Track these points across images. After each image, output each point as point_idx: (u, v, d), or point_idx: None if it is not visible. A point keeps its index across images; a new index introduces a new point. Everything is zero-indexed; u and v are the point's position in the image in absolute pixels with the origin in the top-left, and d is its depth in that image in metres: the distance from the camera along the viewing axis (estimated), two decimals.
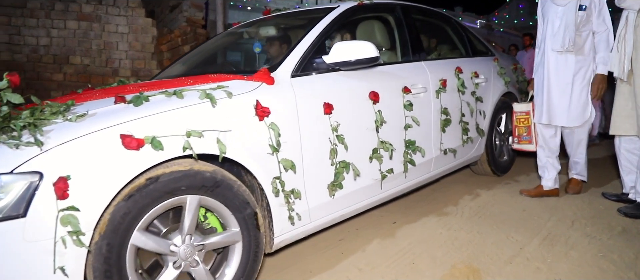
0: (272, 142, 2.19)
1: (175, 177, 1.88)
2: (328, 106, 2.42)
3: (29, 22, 7.25)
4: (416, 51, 3.19)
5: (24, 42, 7.20)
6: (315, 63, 2.52)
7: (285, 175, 2.26)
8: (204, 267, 2.03)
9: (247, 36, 3.23)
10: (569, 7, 3.29)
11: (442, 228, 3.02)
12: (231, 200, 2.05)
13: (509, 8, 21.11)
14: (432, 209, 3.41)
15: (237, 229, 2.09)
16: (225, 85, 2.19)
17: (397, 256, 2.65)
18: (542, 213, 3.25)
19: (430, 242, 2.81)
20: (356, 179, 2.58)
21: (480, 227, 3.00)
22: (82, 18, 7.55)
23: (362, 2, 3.01)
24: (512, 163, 4.24)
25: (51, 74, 7.29)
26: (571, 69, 3.31)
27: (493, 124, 3.85)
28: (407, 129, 2.88)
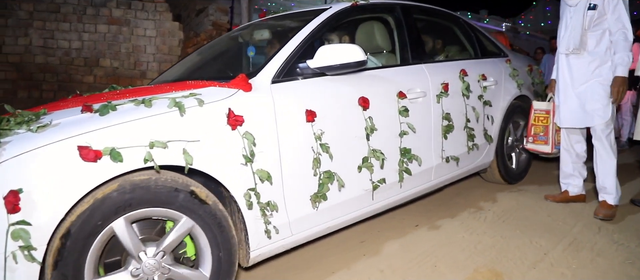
0: (246, 152, 2.01)
1: None
2: (310, 113, 2.22)
3: (62, 26, 7.35)
4: (416, 53, 2.94)
5: (57, 45, 7.30)
6: (299, 68, 2.33)
7: (260, 187, 2.08)
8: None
9: (242, 40, 3.06)
10: (578, 7, 3.02)
11: (464, 231, 2.90)
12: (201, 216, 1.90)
13: (536, 11, 20.24)
14: (455, 212, 3.27)
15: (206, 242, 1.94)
16: (198, 92, 2.03)
17: (419, 259, 2.57)
18: (568, 219, 3.08)
19: (453, 245, 2.71)
20: (342, 189, 2.37)
21: (503, 232, 2.87)
22: (112, 22, 7.61)
23: (357, 3, 2.79)
24: (526, 170, 3.91)
25: (82, 76, 7.38)
26: (584, 71, 3.04)
27: (504, 129, 3.55)
28: (402, 136, 2.65)
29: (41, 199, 1.56)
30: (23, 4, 7.14)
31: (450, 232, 2.91)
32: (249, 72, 2.24)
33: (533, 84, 3.95)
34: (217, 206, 1.95)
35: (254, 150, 2.03)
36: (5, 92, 6.87)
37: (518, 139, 3.81)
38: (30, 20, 7.23)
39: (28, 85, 7.08)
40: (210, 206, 1.92)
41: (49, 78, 7.22)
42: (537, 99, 3.89)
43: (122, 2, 7.65)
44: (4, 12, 6.96)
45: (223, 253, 1.96)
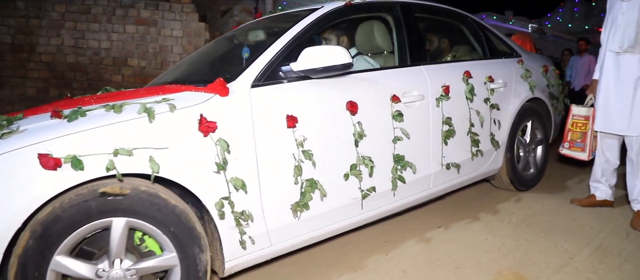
0: (219, 160, 1.88)
1: None
2: (291, 119, 2.07)
3: (92, 26, 7.44)
4: (415, 54, 2.73)
5: (87, 45, 7.40)
6: (282, 71, 2.18)
7: (235, 196, 1.94)
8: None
9: (237, 41, 2.94)
10: (633, 3, 2.74)
11: (488, 234, 2.79)
12: (162, 222, 1.78)
13: (563, 11, 19.28)
14: (478, 214, 3.15)
15: (174, 253, 1.82)
16: (171, 97, 1.92)
17: (441, 260, 2.50)
18: (594, 223, 2.92)
19: (476, 247, 2.62)
20: (327, 198, 2.21)
21: (527, 235, 2.75)
22: (140, 22, 7.65)
23: (351, 3, 2.61)
24: (540, 176, 3.61)
25: (111, 75, 7.46)
26: (633, 72, 2.77)
27: (514, 134, 3.28)
28: (396, 142, 2.46)
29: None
30: (56, 6, 7.25)
31: (474, 234, 2.81)
32: (229, 76, 2.11)
33: (548, 85, 3.65)
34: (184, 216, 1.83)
35: (226, 158, 1.90)
36: (38, 90, 7.01)
37: (530, 144, 3.53)
38: (62, 21, 7.34)
39: (59, 84, 7.20)
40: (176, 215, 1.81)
41: (79, 77, 7.33)
42: (553, 102, 3.61)
43: (150, 3, 7.68)
44: (39, 13, 7.09)
45: (190, 267, 1.84)
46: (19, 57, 6.77)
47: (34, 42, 7.03)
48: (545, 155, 3.62)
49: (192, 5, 8.00)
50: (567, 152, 3.27)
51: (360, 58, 2.82)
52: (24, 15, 6.81)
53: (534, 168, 3.54)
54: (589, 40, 8.00)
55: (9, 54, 6.67)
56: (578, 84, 7.82)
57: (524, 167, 3.48)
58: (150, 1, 7.76)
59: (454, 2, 3.43)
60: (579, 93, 7.50)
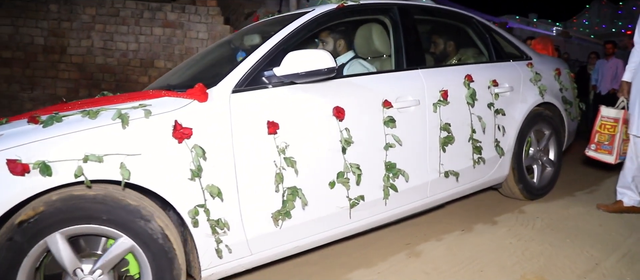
0: (193, 167, 1.81)
1: None
2: (272, 125, 1.97)
3: (121, 29, 7.56)
4: (412, 58, 2.57)
5: (115, 47, 7.52)
6: (266, 76, 2.08)
7: (211, 203, 1.87)
8: None
9: (234, 45, 2.86)
10: None
11: (512, 238, 2.70)
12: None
13: (589, 14, 18.30)
14: (502, 218, 3.04)
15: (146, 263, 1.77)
16: (148, 103, 1.86)
17: (465, 263, 2.44)
18: (622, 229, 2.79)
19: (500, 251, 2.55)
20: (310, 207, 2.10)
21: (552, 240, 2.65)
22: (167, 25, 7.72)
23: (343, 5, 2.49)
24: (552, 184, 3.39)
25: (138, 76, 7.56)
26: None
27: (522, 140, 3.07)
28: (387, 149, 2.33)
29: None
30: (87, 9, 7.39)
31: (497, 237, 2.72)
32: (210, 81, 2.04)
33: (561, 89, 3.41)
34: (156, 224, 1.76)
35: (202, 165, 1.83)
36: (69, 90, 7.18)
37: (541, 150, 3.30)
38: (92, 24, 7.48)
39: (89, 85, 7.35)
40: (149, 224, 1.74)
41: (107, 78, 7.46)
42: (566, 107, 3.37)
43: (176, 6, 7.74)
44: (70, 16, 7.25)
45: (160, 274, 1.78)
46: (51, 59, 6.94)
47: (65, 43, 7.20)
48: (558, 163, 3.39)
49: (217, 8, 8.03)
50: (593, 154, 3.10)
51: (355, 62, 2.70)
52: (56, 18, 6.97)
53: (544, 177, 3.31)
54: (616, 43, 7.60)
55: (41, 55, 6.85)
56: (604, 88, 7.48)
57: (539, 176, 3.26)
58: (177, 4, 7.82)
59: (477, 5, 3.26)
60: (606, 97, 7.14)
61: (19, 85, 6.73)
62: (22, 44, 6.65)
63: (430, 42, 3.48)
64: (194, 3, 8.05)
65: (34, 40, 6.81)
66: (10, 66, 6.55)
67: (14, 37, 6.57)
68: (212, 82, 2.02)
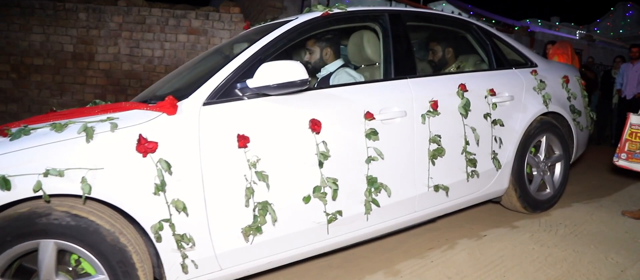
0: (157, 181, 1.76)
1: None
2: (242, 138, 1.89)
3: (147, 36, 7.68)
4: (401, 67, 2.43)
5: (141, 53, 7.65)
6: (239, 88, 2.01)
7: (176, 218, 1.80)
8: None
9: (224, 54, 2.80)
10: None
11: (534, 243, 2.63)
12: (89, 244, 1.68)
13: (614, 16, 17.19)
14: (524, 223, 2.95)
15: (104, 275, 1.72)
16: (115, 116, 1.82)
17: (487, 268, 2.39)
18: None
19: (522, 256, 2.49)
20: (284, 221, 2.01)
21: (576, 246, 2.57)
22: (191, 32, 7.80)
23: (328, 13, 2.38)
24: (557, 197, 3.15)
25: None
26: None
27: (524, 152, 2.86)
28: (369, 163, 2.21)
29: None
30: (114, 17, 7.55)
31: (520, 243, 2.64)
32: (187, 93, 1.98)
33: (569, 98, 3.17)
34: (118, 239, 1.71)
35: (167, 179, 1.76)
36: (96, 96, 7.34)
37: (545, 162, 3.08)
38: (119, 31, 7.63)
39: (115, 90, 7.50)
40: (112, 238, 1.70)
41: (133, 84, 7.60)
42: (574, 116, 3.14)
43: (200, 14, 7.81)
44: (98, 24, 7.42)
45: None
46: (79, 65, 7.11)
47: (93, 51, 7.37)
48: (565, 175, 3.16)
49: (240, 15, 8.05)
50: (624, 164, 2.93)
51: (341, 71, 2.58)
52: (85, 26, 7.15)
53: (550, 188, 3.09)
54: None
55: (70, 61, 7.04)
56: (630, 92, 7.11)
57: (537, 187, 3.05)
58: (201, 12, 7.88)
59: (498, 10, 3.08)
60: (631, 102, 6.75)
61: (49, 91, 6.92)
62: (53, 51, 6.84)
63: (428, 50, 3.32)
64: (217, 10, 8.10)
65: (64, 47, 6.99)
66: (41, 73, 6.75)
67: (45, 44, 6.77)
68: (185, 94, 1.96)
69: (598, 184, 3.74)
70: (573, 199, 3.47)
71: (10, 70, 6.53)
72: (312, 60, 2.70)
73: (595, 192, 3.60)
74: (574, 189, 3.92)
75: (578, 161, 5.25)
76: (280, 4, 8.62)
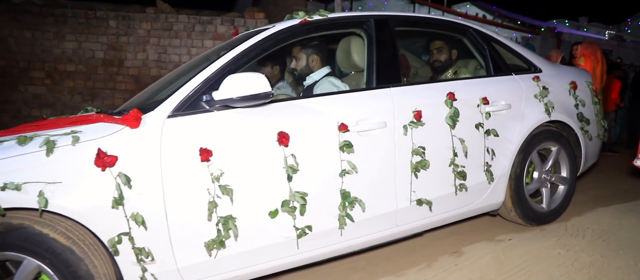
0: (116, 195, 1.74)
1: None
2: (205, 152, 1.85)
3: (174, 42, 7.84)
4: (383, 75, 2.30)
5: (169, 59, 7.81)
6: (205, 101, 1.96)
7: (136, 231, 1.78)
8: None
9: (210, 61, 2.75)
10: None
11: (561, 248, 2.55)
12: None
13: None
14: (551, 228, 2.86)
15: None
16: (79, 129, 1.81)
17: (512, 272, 2.34)
18: None
19: (548, 261, 2.43)
20: (249, 236, 1.95)
21: (603, 251, 2.48)
22: (217, 37, 7.89)
23: (306, 20, 2.29)
24: (561, 210, 2.92)
25: None
26: None
27: (523, 163, 2.66)
28: (343, 176, 2.11)
29: None
30: (142, 24, 7.74)
31: (545, 248, 2.57)
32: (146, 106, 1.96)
33: (577, 106, 2.92)
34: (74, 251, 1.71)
35: (126, 193, 1.74)
36: (125, 101, 7.54)
37: (549, 174, 2.86)
38: (147, 38, 7.81)
39: None
40: None
41: None
42: (582, 125, 2.90)
43: (226, 19, 7.88)
44: (127, 31, 7.64)
45: None
46: (110, 71, 7.34)
47: (122, 57, 7.58)
48: (570, 187, 2.92)
49: (266, 20, 8.08)
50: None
51: (325, 80, 2.49)
52: (114, 33, 7.37)
53: (545, 204, 2.86)
54: None
55: (101, 67, 7.27)
56: None
57: (548, 201, 2.83)
58: (227, 17, 7.96)
59: (523, 10, 2.90)
60: None
61: (80, 97, 7.18)
62: (84, 58, 7.09)
63: (426, 56, 3.16)
64: (242, 16, 8.15)
65: (95, 54, 7.23)
66: (73, 79, 7.00)
67: (77, 51, 7.02)
68: (152, 106, 1.94)
69: (627, 188, 3.62)
70: (601, 203, 3.33)
71: (45, 76, 6.80)
72: (298, 68, 2.62)
73: (624, 196, 3.45)
74: (602, 192, 3.71)
75: (606, 164, 4.93)
76: (304, 10, 8.58)
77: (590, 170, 4.50)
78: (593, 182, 4.25)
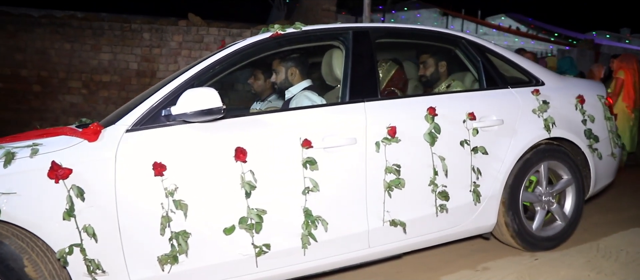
0: (67, 206, 1.78)
1: None
2: (159, 166, 1.85)
3: (204, 53, 8.06)
4: (357, 89, 2.22)
5: None
6: (164, 115, 1.98)
7: (88, 243, 1.82)
8: None
9: None
10: None
11: (590, 270, 2.44)
12: None
13: None
14: (580, 248, 2.74)
15: None
16: (40, 142, 1.88)
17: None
18: None
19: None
20: (204, 252, 1.93)
21: (638, 275, 2.38)
22: None
23: (278, 33, 2.26)
24: (566, 234, 2.68)
25: None
26: None
27: (518, 183, 2.46)
28: (307, 194, 2.05)
29: None
30: (174, 36, 8.02)
31: (574, 269, 2.47)
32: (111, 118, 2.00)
33: (585, 121, 2.67)
34: None
35: (77, 205, 1.78)
36: None
37: (550, 195, 2.64)
38: (179, 50, 8.09)
39: None
40: None
41: None
42: (590, 142, 2.67)
43: (255, 32, 8.02)
44: (160, 43, 7.94)
45: None
46: (143, 82, 7.65)
47: (155, 68, 7.89)
48: (577, 209, 2.69)
49: None
50: None
51: (301, 95, 2.44)
52: (148, 45, 7.68)
53: (562, 220, 2.64)
54: None
55: (134, 78, 7.59)
56: None
57: (542, 223, 2.62)
58: (256, 29, 8.11)
59: (561, 22, 2.76)
60: None
61: (115, 106, 7.52)
62: (119, 69, 7.43)
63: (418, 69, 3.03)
64: None
65: (129, 65, 7.56)
66: (108, 89, 7.35)
67: (112, 62, 7.37)
68: (113, 120, 1.98)
69: None
70: (635, 224, 3.18)
71: (82, 86, 7.17)
72: (278, 81, 2.60)
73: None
74: (637, 213, 3.53)
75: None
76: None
77: (626, 188, 4.16)
78: (629, 200, 3.94)
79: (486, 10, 14.44)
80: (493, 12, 13.24)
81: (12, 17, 6.68)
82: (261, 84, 3.14)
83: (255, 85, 3.11)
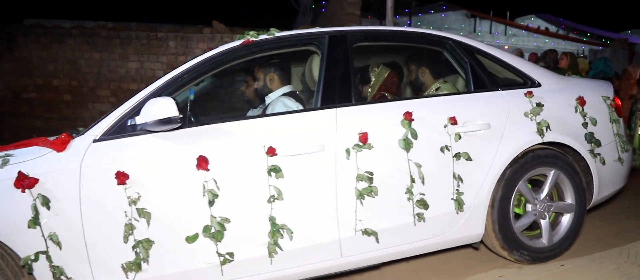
0: (32, 215, 1.87)
1: None
2: (122, 175, 1.90)
3: None
4: (328, 94, 2.18)
5: None
6: (130, 125, 2.03)
7: (53, 250, 1.89)
8: None
9: None
10: None
11: (620, 277, 2.35)
12: None
13: None
14: (609, 254, 2.63)
15: None
16: (12, 153, 1.99)
17: None
18: None
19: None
20: (167, 260, 1.96)
21: None
22: None
23: (250, 40, 2.27)
24: (565, 245, 2.51)
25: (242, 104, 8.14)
26: None
27: (508, 191, 2.33)
28: (272, 203, 2.04)
29: None
30: (199, 44, 8.21)
31: (603, 276, 2.38)
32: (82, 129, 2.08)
33: (585, 124, 2.49)
34: None
35: (38, 214, 1.86)
36: None
37: (546, 203, 2.48)
38: None
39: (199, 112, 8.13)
40: None
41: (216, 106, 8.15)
42: (592, 146, 2.49)
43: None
44: (185, 51, 8.15)
45: None
46: None
47: None
48: (577, 219, 2.51)
49: None
50: None
51: (277, 101, 2.43)
52: (173, 53, 7.92)
53: (545, 238, 2.47)
54: None
55: None
56: None
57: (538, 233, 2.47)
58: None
59: (593, 22, 2.65)
60: None
61: None
62: (146, 77, 7.69)
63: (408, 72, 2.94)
64: None
65: (155, 73, 7.81)
66: None
67: (139, 71, 7.64)
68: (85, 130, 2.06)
69: None
70: None
71: (110, 94, 7.48)
72: (258, 87, 2.61)
73: None
74: None
75: None
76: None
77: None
78: None
79: (515, 11, 13.92)
80: (522, 12, 12.68)
81: (45, 29, 7.06)
82: (253, 90, 3.16)
83: (248, 92, 3.14)
